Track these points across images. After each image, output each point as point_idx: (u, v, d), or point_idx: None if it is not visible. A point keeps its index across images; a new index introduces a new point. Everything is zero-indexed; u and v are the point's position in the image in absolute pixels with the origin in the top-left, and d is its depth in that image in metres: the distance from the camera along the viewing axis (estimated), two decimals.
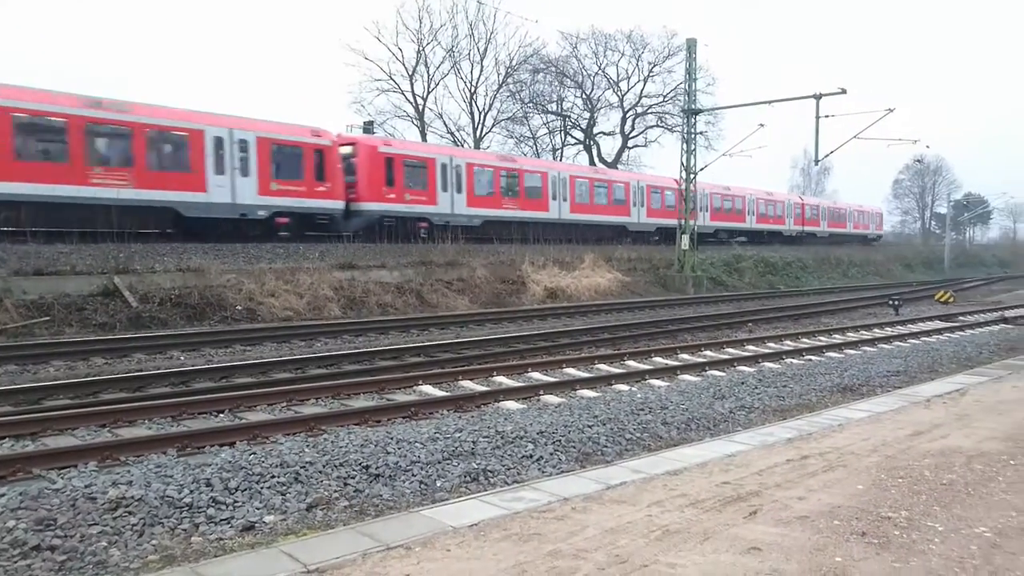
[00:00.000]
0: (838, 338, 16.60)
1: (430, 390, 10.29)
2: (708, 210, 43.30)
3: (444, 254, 24.08)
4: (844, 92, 25.58)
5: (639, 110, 54.89)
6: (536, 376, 11.42)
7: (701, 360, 13.09)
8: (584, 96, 54.32)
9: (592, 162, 52.43)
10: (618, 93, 54.57)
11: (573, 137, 55.96)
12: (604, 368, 12.27)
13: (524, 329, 17.70)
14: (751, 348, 14.80)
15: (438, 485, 6.25)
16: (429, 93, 49.89)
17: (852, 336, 16.96)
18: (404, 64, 48.44)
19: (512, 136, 53.73)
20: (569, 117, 55.23)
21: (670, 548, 4.27)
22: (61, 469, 6.43)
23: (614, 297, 25.75)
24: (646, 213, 39.11)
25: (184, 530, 5.17)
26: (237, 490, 5.75)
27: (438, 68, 49.34)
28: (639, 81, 53.99)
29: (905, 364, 12.79)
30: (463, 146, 48.00)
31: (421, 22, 47.99)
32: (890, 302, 24.44)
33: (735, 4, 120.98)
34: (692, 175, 30.71)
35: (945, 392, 9.43)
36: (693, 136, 31.41)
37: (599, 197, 36.47)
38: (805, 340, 16.12)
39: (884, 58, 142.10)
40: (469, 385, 10.69)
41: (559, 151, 54.85)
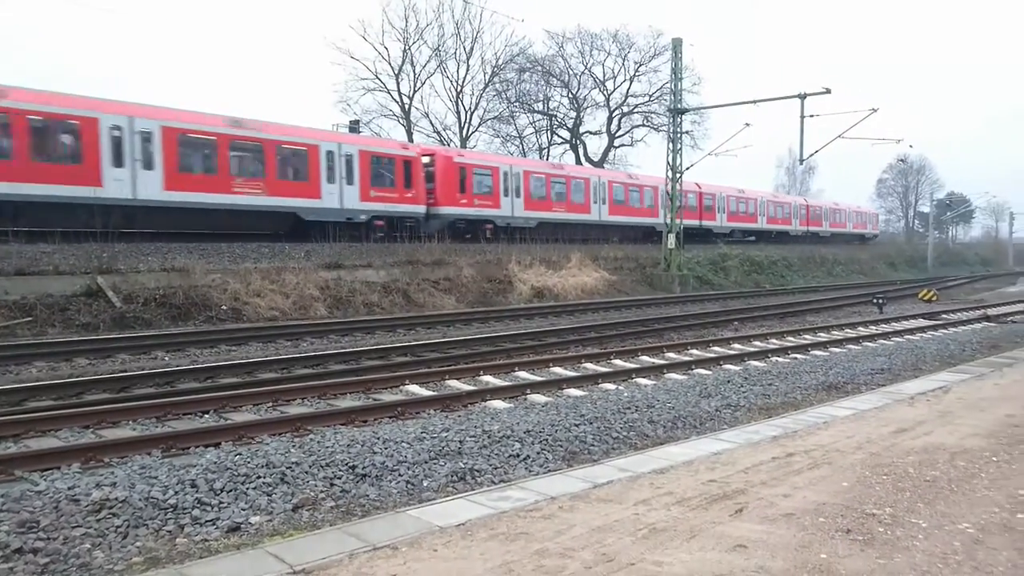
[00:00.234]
0: (823, 336, 16.73)
1: (417, 390, 10.27)
2: (725, 212, 44.24)
3: (430, 253, 24.08)
4: (828, 92, 25.77)
5: (625, 109, 55.16)
6: (523, 375, 11.43)
7: (687, 359, 13.15)
8: (570, 95, 54.48)
9: (578, 161, 52.49)
10: (604, 92, 54.82)
11: (559, 136, 56.11)
12: (591, 367, 12.30)
13: (511, 328, 17.71)
14: (737, 346, 14.87)
15: (425, 485, 6.23)
16: (415, 92, 49.96)
17: (837, 334, 17.09)
18: (390, 63, 48.44)
19: (499, 135, 53.87)
20: (555, 116, 55.36)
21: (657, 546, 4.28)
22: (44, 471, 6.37)
23: (601, 296, 25.78)
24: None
25: (169, 532, 5.13)
26: (222, 491, 5.72)
27: (424, 67, 49.42)
28: (625, 80, 54.26)
29: (889, 362, 12.87)
30: (449, 145, 47.95)
31: (407, 21, 48.04)
32: (874, 300, 24.62)
33: (721, 4, 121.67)
34: (678, 174, 30.89)
35: (929, 390, 9.51)
36: (679, 135, 31.60)
37: (632, 200, 38.92)
38: (790, 338, 16.24)
39: (868, 59, 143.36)
40: (456, 384, 10.68)
41: (545, 150, 54.97)
